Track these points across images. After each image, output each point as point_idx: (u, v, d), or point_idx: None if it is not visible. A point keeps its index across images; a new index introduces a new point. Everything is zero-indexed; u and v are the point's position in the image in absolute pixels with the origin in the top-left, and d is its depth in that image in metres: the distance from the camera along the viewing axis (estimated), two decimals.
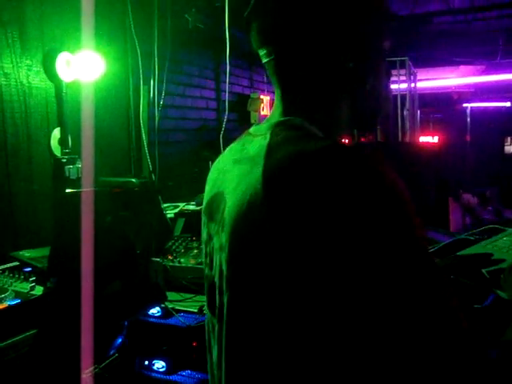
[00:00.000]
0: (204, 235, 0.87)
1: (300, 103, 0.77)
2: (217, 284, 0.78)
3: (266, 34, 0.78)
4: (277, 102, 0.81)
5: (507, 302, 0.93)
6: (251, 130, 0.84)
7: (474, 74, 8.65)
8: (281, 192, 0.65)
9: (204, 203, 0.89)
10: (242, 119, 4.64)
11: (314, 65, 0.76)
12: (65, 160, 2.44)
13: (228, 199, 0.76)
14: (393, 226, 0.62)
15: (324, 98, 0.77)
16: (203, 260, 0.88)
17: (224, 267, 0.74)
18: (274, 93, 0.84)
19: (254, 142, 0.77)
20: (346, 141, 4.74)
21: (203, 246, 0.88)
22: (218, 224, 0.78)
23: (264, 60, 0.81)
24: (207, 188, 0.90)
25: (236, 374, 0.71)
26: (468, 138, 10.53)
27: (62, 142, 2.53)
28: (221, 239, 0.76)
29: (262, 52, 0.80)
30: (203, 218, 0.88)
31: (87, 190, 1.91)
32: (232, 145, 0.87)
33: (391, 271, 0.61)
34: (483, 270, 1.11)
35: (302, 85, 0.77)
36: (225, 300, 0.73)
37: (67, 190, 1.91)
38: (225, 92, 3.23)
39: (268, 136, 0.74)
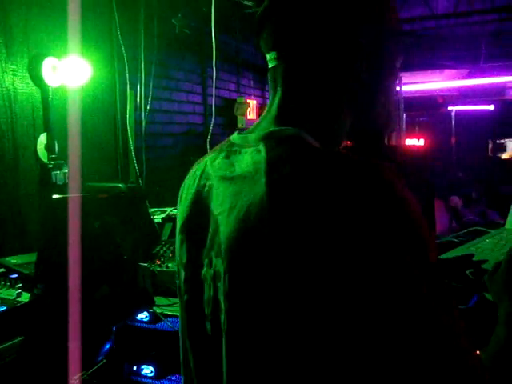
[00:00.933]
0: (183, 258, 0.79)
1: (300, 112, 0.73)
2: (208, 315, 0.74)
3: (277, 38, 0.74)
4: (271, 108, 0.76)
5: (491, 303, 0.94)
6: (234, 139, 0.78)
7: (458, 78, 8.75)
8: (293, 213, 0.61)
9: (180, 220, 0.81)
10: (229, 123, 4.65)
11: (324, 73, 0.72)
12: (51, 165, 2.43)
13: (221, 221, 0.70)
14: (405, 245, 0.59)
15: (329, 109, 0.73)
16: (180, 283, 0.81)
17: (221, 298, 0.69)
18: (260, 97, 0.82)
19: (245, 156, 0.72)
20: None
21: (180, 269, 0.81)
22: (208, 248, 0.73)
23: (271, 64, 0.76)
24: (183, 203, 0.81)
25: None
26: (453, 140, 10.65)
27: (49, 147, 2.51)
28: (214, 267, 0.71)
29: (270, 56, 0.76)
30: (180, 237, 0.81)
31: (74, 195, 1.90)
32: (212, 155, 0.80)
33: (396, 290, 0.58)
34: (467, 272, 1.13)
35: (308, 93, 0.73)
36: (224, 334, 0.69)
37: (54, 196, 1.90)
38: (211, 96, 3.24)
39: (262, 150, 0.68)
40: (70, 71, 2.48)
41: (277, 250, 0.61)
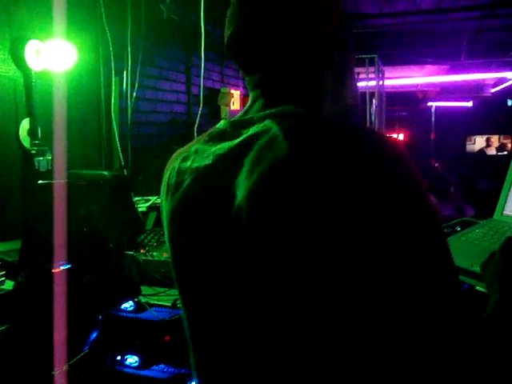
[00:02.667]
0: (178, 245, 0.80)
1: (288, 94, 0.77)
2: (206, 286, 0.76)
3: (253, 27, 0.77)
4: (257, 95, 0.80)
5: (480, 293, 0.95)
6: (221, 127, 0.80)
7: (438, 74, 8.85)
8: (316, 170, 0.65)
9: (168, 210, 0.81)
10: (212, 113, 4.62)
11: (301, 59, 0.77)
12: (34, 151, 2.38)
13: (238, 188, 0.71)
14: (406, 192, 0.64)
15: (312, 92, 0.78)
16: (173, 264, 0.83)
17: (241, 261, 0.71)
18: (244, 88, 0.83)
19: (248, 134, 0.74)
20: None
21: (173, 257, 0.82)
22: (220, 218, 0.73)
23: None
24: (179, 190, 0.81)
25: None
26: (433, 136, 10.80)
27: (32, 133, 2.46)
28: (235, 231, 0.71)
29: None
30: (170, 228, 0.81)
31: (59, 181, 1.87)
32: (198, 146, 0.81)
33: (398, 236, 0.63)
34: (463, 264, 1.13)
35: (290, 79, 0.77)
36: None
37: (39, 182, 1.86)
38: (195, 85, 3.21)
39: (272, 124, 0.71)
40: (54, 55, 2.42)
41: (302, 203, 0.65)
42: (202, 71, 2.76)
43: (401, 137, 10.11)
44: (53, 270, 1.70)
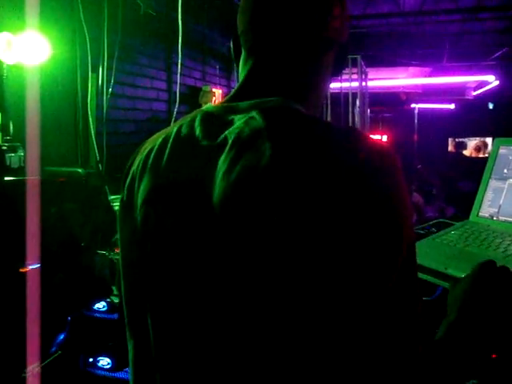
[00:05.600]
0: (150, 226, 0.75)
1: (281, 85, 0.76)
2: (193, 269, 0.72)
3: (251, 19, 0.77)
4: (249, 78, 0.78)
5: None
6: (208, 108, 0.78)
7: (421, 76, 8.93)
8: (296, 173, 0.63)
9: (145, 190, 0.76)
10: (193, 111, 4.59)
11: (298, 52, 0.76)
12: (5, 147, 2.32)
13: (216, 186, 0.68)
14: (384, 209, 0.63)
15: (309, 84, 0.78)
16: (134, 257, 0.78)
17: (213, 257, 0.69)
18: (226, 86, 0.80)
19: (236, 123, 0.71)
20: None
21: (143, 240, 0.76)
22: (196, 212, 0.70)
23: (245, 38, 0.79)
24: (149, 172, 0.77)
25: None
26: (415, 137, 10.90)
27: (3, 128, 2.39)
28: (206, 225, 0.69)
29: (242, 30, 0.79)
30: (145, 208, 0.76)
31: (29, 178, 1.82)
32: (180, 128, 0.77)
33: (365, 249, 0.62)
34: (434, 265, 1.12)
35: (285, 67, 0.76)
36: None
37: (6, 178, 1.81)
38: (176, 83, 3.17)
39: (258, 117, 0.69)
40: (27, 48, 2.36)
41: (281, 205, 0.63)
42: (179, 68, 2.73)
43: (384, 138, 10.18)
44: (21, 270, 1.65)
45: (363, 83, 6.47)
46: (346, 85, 6.15)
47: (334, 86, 6.58)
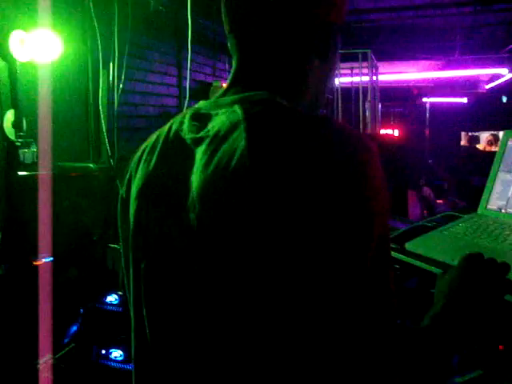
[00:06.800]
0: (143, 221, 0.77)
1: (269, 80, 0.76)
2: (179, 271, 0.73)
3: (236, 10, 0.77)
4: (237, 75, 0.79)
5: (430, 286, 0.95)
6: (200, 105, 0.79)
7: (433, 69, 8.85)
8: (272, 164, 0.64)
9: (138, 185, 0.78)
10: None
11: (285, 45, 0.75)
12: (19, 143, 2.36)
13: (194, 180, 0.70)
14: (359, 204, 0.63)
15: (297, 78, 0.77)
16: (131, 253, 0.80)
17: (193, 253, 0.70)
18: None
19: (218, 117, 0.72)
20: None
21: (135, 236, 0.78)
22: (178, 207, 0.72)
23: (230, 38, 0.80)
24: (143, 167, 0.79)
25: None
26: (427, 132, 10.81)
27: (16, 124, 2.43)
28: (189, 222, 0.70)
29: (228, 26, 0.80)
30: (137, 203, 0.78)
31: (41, 173, 1.84)
32: (177, 120, 0.79)
33: (344, 241, 0.63)
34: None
35: (272, 62, 0.76)
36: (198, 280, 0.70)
37: (20, 173, 1.84)
38: (187, 79, 3.18)
39: (239, 110, 0.70)
40: (40, 45, 2.39)
41: (253, 196, 0.64)
42: (189, 64, 2.74)
43: (396, 133, 10.11)
44: (34, 263, 1.68)
45: (374, 77, 6.43)
46: (356, 79, 6.13)
47: (345, 80, 6.56)
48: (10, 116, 2.44)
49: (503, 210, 1.34)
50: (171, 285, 0.74)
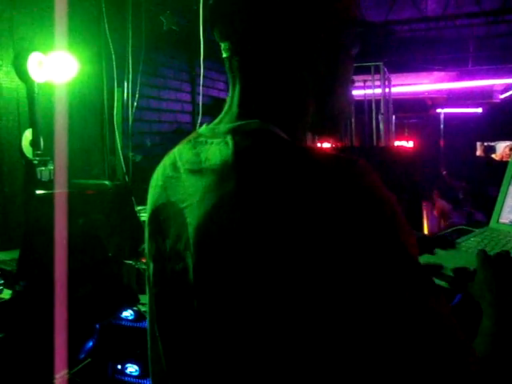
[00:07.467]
0: (152, 249, 0.78)
1: (262, 104, 0.72)
2: (178, 304, 0.74)
3: (230, 27, 0.72)
4: (233, 101, 0.75)
5: (474, 300, 0.94)
6: (201, 130, 0.77)
7: (446, 80, 8.81)
8: (263, 208, 0.61)
9: (149, 211, 0.80)
10: None
11: (281, 65, 0.71)
12: (36, 162, 2.41)
13: (190, 214, 0.69)
14: (377, 233, 0.58)
15: (290, 100, 0.73)
16: (149, 276, 0.80)
17: (191, 290, 0.69)
18: None
19: (212, 148, 0.71)
20: (323, 145, 4.78)
21: (149, 261, 0.80)
22: (175, 241, 0.72)
23: (224, 54, 0.74)
24: (153, 195, 0.80)
25: None
26: (442, 142, 10.73)
27: (34, 143, 2.49)
28: (185, 260, 0.70)
29: (224, 46, 0.74)
30: (148, 228, 0.80)
31: (58, 191, 1.88)
32: (180, 147, 0.78)
33: (375, 281, 0.57)
34: (449, 270, 1.13)
35: (268, 85, 0.72)
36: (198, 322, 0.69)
37: (38, 192, 1.88)
38: (201, 96, 3.23)
39: (230, 143, 0.67)
40: (57, 67, 2.45)
41: (246, 247, 0.61)
42: (201, 80, 2.78)
43: (410, 144, 10.06)
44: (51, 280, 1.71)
45: (386, 90, 6.43)
46: (369, 92, 6.13)
47: (358, 93, 6.57)
48: (28, 135, 2.50)
49: None
50: (176, 316, 0.74)
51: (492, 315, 0.73)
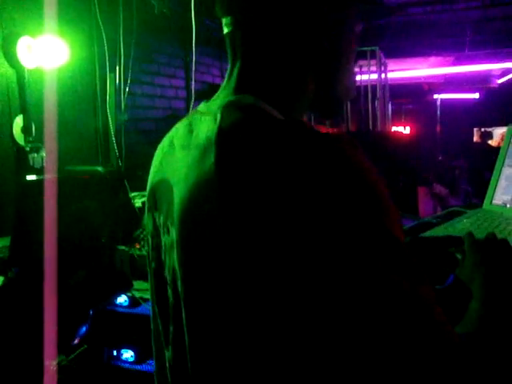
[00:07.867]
0: (149, 226, 0.80)
1: (261, 80, 0.72)
2: (169, 282, 0.73)
3: (233, 2, 0.72)
4: (232, 76, 0.74)
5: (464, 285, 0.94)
6: (200, 107, 0.77)
7: (443, 65, 8.78)
8: (237, 183, 0.60)
9: (148, 188, 0.82)
10: None
11: (284, 40, 0.71)
12: (28, 148, 2.39)
13: (176, 190, 0.69)
14: (360, 213, 0.57)
15: (290, 77, 0.72)
16: (149, 252, 0.82)
17: (176, 266, 0.69)
18: None
19: (203, 123, 0.70)
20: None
21: (149, 238, 0.81)
22: (166, 216, 0.73)
23: (226, 30, 0.74)
24: (152, 171, 0.82)
25: (203, 377, 0.68)
26: (438, 128, 10.72)
27: (25, 130, 2.46)
28: (171, 235, 0.71)
29: (225, 21, 0.74)
30: (147, 205, 0.82)
31: (49, 177, 1.87)
32: (178, 124, 0.79)
33: (357, 264, 0.55)
34: (451, 250, 1.12)
35: (268, 61, 0.71)
36: (182, 302, 0.68)
37: (29, 178, 1.86)
38: (194, 81, 3.20)
39: (218, 118, 0.66)
40: (47, 51, 2.42)
41: (223, 225, 0.61)
42: (194, 66, 2.76)
43: (407, 130, 10.04)
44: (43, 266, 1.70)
45: (382, 75, 6.40)
46: (365, 77, 6.10)
47: None
48: (19, 121, 2.47)
49: (508, 205, 1.34)
50: (168, 292, 0.75)
51: (480, 298, 0.74)
